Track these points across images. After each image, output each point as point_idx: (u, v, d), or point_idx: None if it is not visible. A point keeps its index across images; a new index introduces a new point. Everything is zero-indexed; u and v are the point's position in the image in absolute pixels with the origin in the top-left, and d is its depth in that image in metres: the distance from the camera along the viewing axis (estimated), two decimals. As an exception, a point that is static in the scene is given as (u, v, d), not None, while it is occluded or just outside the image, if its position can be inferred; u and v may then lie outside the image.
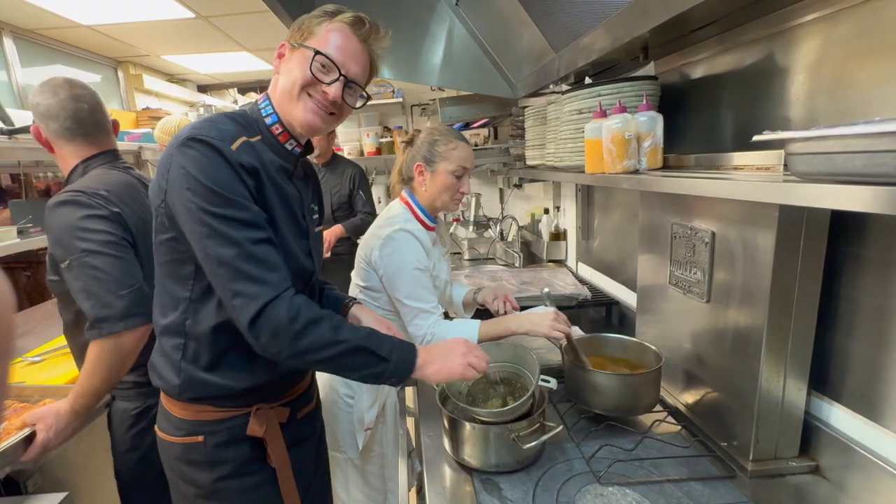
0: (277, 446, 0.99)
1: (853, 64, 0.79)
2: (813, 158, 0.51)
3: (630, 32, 1.03)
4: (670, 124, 1.11)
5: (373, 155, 4.18)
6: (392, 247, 1.31)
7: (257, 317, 0.80)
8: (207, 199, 0.80)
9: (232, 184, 0.81)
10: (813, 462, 0.96)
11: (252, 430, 0.95)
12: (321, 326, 0.84)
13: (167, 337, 0.93)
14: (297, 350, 0.83)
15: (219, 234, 0.80)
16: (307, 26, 0.91)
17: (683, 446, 1.06)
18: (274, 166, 0.92)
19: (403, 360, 0.91)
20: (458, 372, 0.95)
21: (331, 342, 0.84)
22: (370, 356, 0.87)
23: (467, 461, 1.03)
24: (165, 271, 0.91)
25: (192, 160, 0.80)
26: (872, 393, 0.85)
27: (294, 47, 0.91)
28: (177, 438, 0.95)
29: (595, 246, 2.21)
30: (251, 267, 0.81)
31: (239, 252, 0.80)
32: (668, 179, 0.89)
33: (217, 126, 0.85)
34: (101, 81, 3.61)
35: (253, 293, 0.80)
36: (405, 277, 1.31)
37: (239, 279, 0.81)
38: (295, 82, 0.91)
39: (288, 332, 0.81)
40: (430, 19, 2.12)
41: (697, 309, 1.13)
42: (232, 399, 0.95)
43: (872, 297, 0.84)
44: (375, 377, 0.89)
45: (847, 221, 0.87)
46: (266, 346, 0.83)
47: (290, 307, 0.82)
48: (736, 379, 1.02)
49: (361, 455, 1.48)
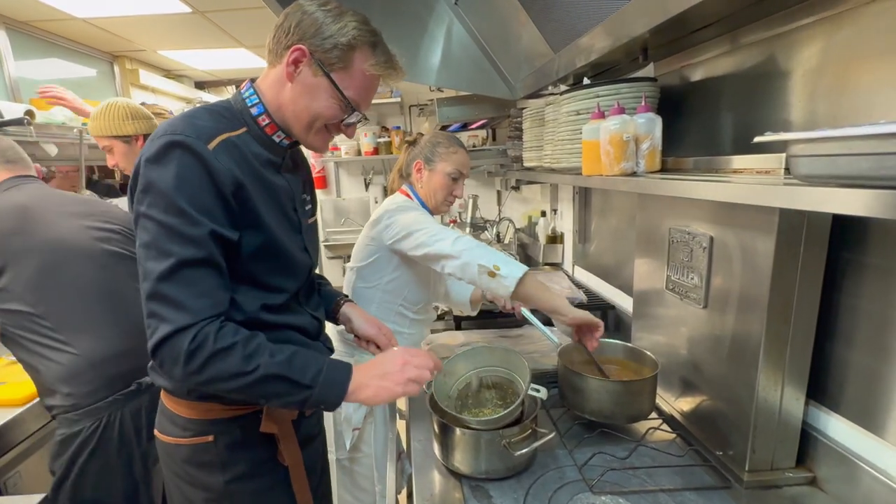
0: (290, 444, 0.96)
1: (856, 67, 0.77)
2: (816, 161, 0.49)
3: (629, 33, 1.01)
4: (669, 127, 1.09)
5: (370, 155, 4.15)
6: (398, 211, 1.38)
7: (160, 344, 0.76)
8: (160, 206, 0.76)
9: (197, 190, 0.77)
10: (810, 473, 0.94)
11: (266, 426, 0.92)
12: (231, 356, 0.77)
13: None
14: (200, 381, 0.78)
15: (155, 244, 0.77)
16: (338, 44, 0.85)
17: (678, 455, 1.04)
18: (260, 160, 0.88)
19: (331, 386, 0.83)
20: (397, 392, 0.86)
21: (238, 373, 0.77)
22: (287, 384, 0.80)
23: (457, 467, 1.01)
24: None
25: (157, 162, 0.77)
26: (872, 403, 0.83)
27: (319, 70, 0.86)
28: (184, 440, 0.91)
29: (592, 250, 2.19)
30: (173, 288, 0.76)
31: (167, 269, 0.76)
32: (666, 182, 0.87)
33: (193, 122, 0.81)
34: (97, 76, 3.57)
35: (164, 316, 0.76)
36: (413, 220, 1.33)
37: (156, 299, 0.76)
38: (318, 117, 0.89)
39: (186, 365, 0.76)
40: (428, 18, 2.10)
41: (694, 315, 1.11)
42: None
43: (872, 305, 0.82)
44: (300, 404, 0.83)
45: (848, 227, 0.85)
46: (169, 372, 0.79)
47: (194, 339, 0.75)
48: (733, 387, 1.00)
49: (350, 456, 1.48)
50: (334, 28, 0.85)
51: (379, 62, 0.89)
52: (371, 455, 1.50)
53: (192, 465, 0.92)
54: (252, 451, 0.93)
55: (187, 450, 0.91)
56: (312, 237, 1.06)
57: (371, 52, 0.88)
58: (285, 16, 0.87)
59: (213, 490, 0.92)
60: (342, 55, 0.85)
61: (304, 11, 0.86)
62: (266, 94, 0.90)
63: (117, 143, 1.75)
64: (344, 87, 0.87)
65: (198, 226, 0.77)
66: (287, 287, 0.94)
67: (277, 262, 0.90)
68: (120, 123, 1.74)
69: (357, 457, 1.50)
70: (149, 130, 1.81)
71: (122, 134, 1.74)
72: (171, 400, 0.93)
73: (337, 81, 0.86)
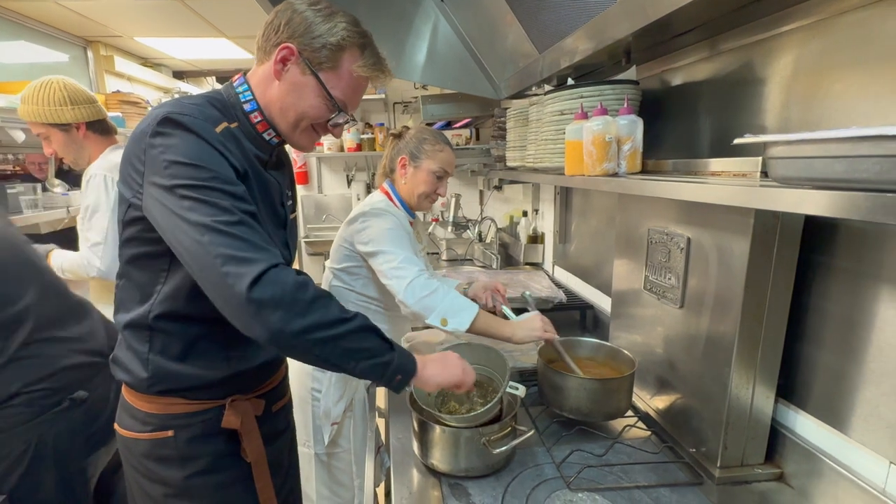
0: (253, 440, 0.95)
1: (828, 76, 0.80)
2: (793, 163, 0.51)
3: (613, 35, 1.02)
4: (650, 130, 1.11)
5: (353, 151, 4.11)
6: (373, 216, 1.37)
7: (258, 279, 0.69)
8: (189, 175, 0.72)
9: (218, 162, 0.76)
10: (778, 469, 0.97)
11: (228, 422, 0.90)
12: (331, 301, 0.77)
13: (131, 331, 0.88)
14: (305, 325, 0.71)
15: (204, 202, 0.71)
16: (327, 44, 0.84)
17: (653, 452, 1.06)
18: (252, 156, 0.88)
19: (405, 355, 0.86)
20: (457, 376, 0.93)
21: (339, 319, 0.75)
22: (379, 341, 0.81)
23: (436, 465, 1.01)
24: (134, 265, 0.86)
25: (171, 140, 0.74)
26: (837, 402, 0.86)
27: (307, 69, 0.85)
28: (143, 434, 0.89)
29: (572, 250, 2.22)
30: (245, 232, 0.72)
31: (230, 217, 0.72)
32: (647, 182, 0.89)
33: (199, 108, 0.80)
34: (69, 61, 3.45)
35: (249, 257, 0.70)
36: (384, 237, 1.32)
37: (231, 244, 0.70)
38: (304, 116, 0.88)
39: (297, 300, 0.71)
40: (414, 15, 2.09)
41: (671, 315, 1.13)
42: (205, 390, 0.90)
43: (840, 306, 0.85)
44: (382, 368, 0.81)
45: (818, 231, 0.88)
46: (266, 318, 0.70)
47: (299, 274, 0.74)
48: (706, 385, 1.02)
49: (328, 450, 1.46)
50: (324, 28, 0.84)
51: (367, 64, 0.88)
52: (350, 450, 1.49)
53: (151, 459, 0.90)
54: (213, 445, 0.92)
55: (146, 444, 0.90)
56: (293, 233, 1.06)
57: (360, 54, 0.87)
58: (275, 13, 0.86)
59: (171, 485, 0.90)
60: (331, 55, 0.85)
61: (295, 10, 0.85)
62: (255, 90, 0.89)
63: (54, 131, 1.57)
64: (331, 86, 0.86)
65: (235, 185, 0.76)
66: None
67: None
68: (56, 110, 1.53)
69: (336, 452, 1.49)
70: (92, 117, 1.62)
71: (59, 122, 1.55)
72: (132, 394, 0.91)
73: (324, 81, 0.86)
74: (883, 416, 0.78)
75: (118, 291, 0.91)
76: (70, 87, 1.57)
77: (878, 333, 0.78)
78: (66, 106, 1.53)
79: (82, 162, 1.70)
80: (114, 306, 0.92)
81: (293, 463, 1.16)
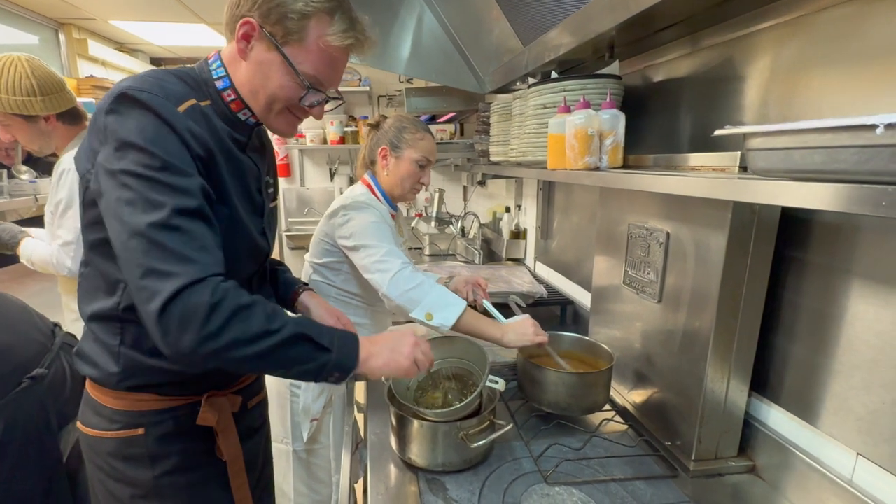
0: (230, 437, 0.91)
1: (806, 73, 0.81)
2: (772, 154, 0.51)
3: (596, 29, 1.02)
4: (632, 126, 1.11)
5: (336, 144, 4.05)
6: (354, 209, 1.33)
7: (169, 302, 0.64)
8: (137, 160, 0.67)
9: (173, 147, 0.70)
10: (750, 462, 0.98)
11: (204, 419, 0.86)
12: (254, 314, 0.70)
13: (99, 323, 0.83)
14: (219, 346, 0.67)
15: (142, 196, 0.66)
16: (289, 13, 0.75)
17: (630, 446, 1.07)
18: (225, 136, 0.82)
19: (346, 351, 0.80)
20: (404, 367, 0.85)
21: (263, 333, 0.70)
22: (310, 346, 0.75)
23: (413, 460, 0.99)
24: (98, 251, 0.80)
25: (126, 119, 0.68)
26: (808, 395, 0.88)
27: (272, 45, 0.77)
28: (110, 433, 0.84)
29: (553, 246, 2.22)
30: (173, 240, 0.66)
31: (162, 219, 0.66)
32: (628, 176, 0.89)
33: (161, 83, 0.73)
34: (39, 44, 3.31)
35: (168, 271, 0.65)
36: (367, 231, 1.29)
37: (154, 253, 0.65)
38: (275, 99, 0.81)
39: (209, 322, 0.66)
40: (399, 5, 2.06)
41: (649, 309, 1.14)
42: (180, 386, 0.85)
43: (812, 301, 0.87)
44: (316, 372, 0.77)
45: (794, 226, 0.89)
46: (174, 341, 0.66)
47: (214, 293, 0.67)
48: (682, 379, 1.03)
49: (307, 447, 1.44)
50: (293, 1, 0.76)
51: (338, 31, 0.78)
52: (329, 446, 1.47)
53: (119, 458, 0.85)
54: (186, 443, 0.87)
55: (113, 443, 0.85)
56: (272, 222, 1.01)
57: (329, 21, 0.78)
58: None
59: (140, 486, 0.86)
60: (296, 26, 0.76)
61: None
62: (228, 69, 0.84)
63: (17, 120, 1.41)
64: (299, 62, 0.78)
65: (186, 176, 0.70)
66: (242, 271, 0.89)
67: (236, 243, 0.84)
68: (24, 101, 1.38)
69: (315, 448, 1.46)
70: (63, 107, 1.48)
71: (27, 114, 1.41)
72: (98, 390, 0.86)
73: (290, 56, 0.77)
74: (852, 408, 0.79)
75: (82, 280, 0.85)
76: (39, 72, 1.42)
77: (849, 328, 0.79)
78: (34, 97, 1.39)
79: (47, 150, 1.62)
80: (77, 295, 0.86)
81: (267, 460, 1.13)
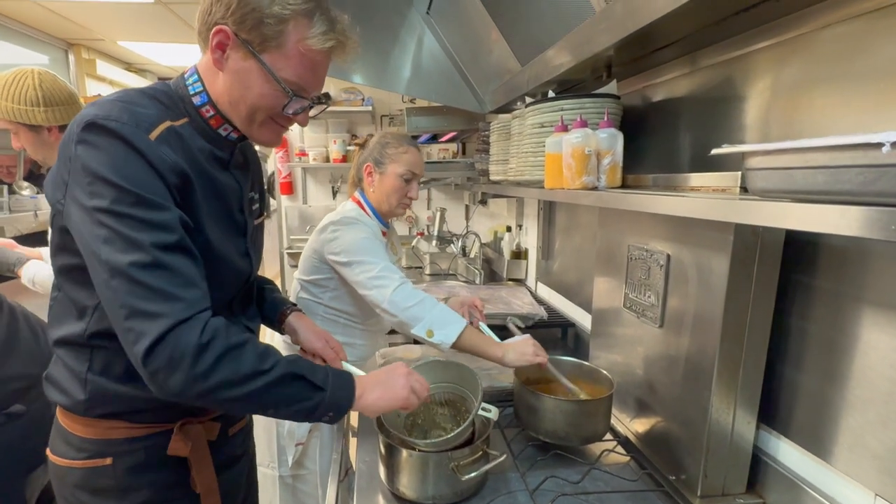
0: (204, 468, 0.85)
1: (810, 91, 0.78)
2: (772, 174, 0.48)
3: (593, 48, 1.01)
4: (631, 146, 1.09)
5: (339, 162, 4.06)
6: (344, 225, 1.32)
7: (156, 344, 0.63)
8: (111, 197, 0.65)
9: (146, 179, 0.67)
10: (760, 499, 0.92)
11: (175, 449, 0.81)
12: (245, 353, 0.69)
13: (66, 348, 0.80)
14: (208, 387, 0.66)
15: (119, 236, 0.64)
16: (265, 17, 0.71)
17: (632, 479, 1.01)
18: (204, 155, 0.79)
19: (341, 389, 0.77)
20: (401, 397, 0.84)
21: (254, 373, 0.68)
22: (303, 385, 0.73)
23: (402, 492, 0.94)
24: (66, 276, 0.77)
25: (96, 152, 0.66)
26: (820, 429, 0.82)
27: (249, 53, 0.73)
28: (77, 462, 0.80)
29: (555, 267, 2.19)
30: (156, 278, 0.65)
31: (142, 258, 0.64)
32: (626, 196, 0.86)
33: (131, 108, 0.69)
34: (49, 63, 3.38)
35: (154, 312, 0.64)
36: (358, 247, 1.27)
37: (137, 293, 0.64)
38: (257, 109, 0.78)
39: (198, 362, 0.65)
40: (400, 26, 2.08)
41: (650, 334, 1.10)
42: (151, 413, 0.81)
43: (822, 328, 0.82)
44: (309, 412, 0.74)
45: (799, 249, 0.85)
46: (163, 383, 0.65)
47: (203, 332, 0.66)
48: (686, 409, 0.98)
49: (293, 472, 1.40)
50: (269, 4, 0.71)
51: (318, 34, 0.74)
52: (315, 472, 1.42)
53: (86, 491, 0.80)
54: (157, 474, 0.82)
55: (79, 473, 0.80)
56: (257, 240, 0.97)
57: (307, 23, 0.73)
58: None
59: None
60: (273, 31, 0.72)
61: None
62: (208, 86, 0.80)
63: (22, 129, 1.46)
64: (278, 69, 0.74)
65: (162, 210, 0.67)
66: (220, 298, 0.84)
67: (212, 272, 0.79)
68: (26, 110, 1.42)
69: (301, 473, 1.41)
70: (66, 120, 1.49)
71: (29, 123, 1.44)
72: (68, 417, 0.82)
73: (270, 64, 0.73)
74: (868, 445, 0.74)
75: (53, 304, 0.82)
76: (47, 84, 1.45)
77: (863, 358, 0.75)
78: (38, 107, 1.42)
79: (51, 161, 1.63)
80: (48, 320, 0.83)
81: (252, 489, 1.07)
